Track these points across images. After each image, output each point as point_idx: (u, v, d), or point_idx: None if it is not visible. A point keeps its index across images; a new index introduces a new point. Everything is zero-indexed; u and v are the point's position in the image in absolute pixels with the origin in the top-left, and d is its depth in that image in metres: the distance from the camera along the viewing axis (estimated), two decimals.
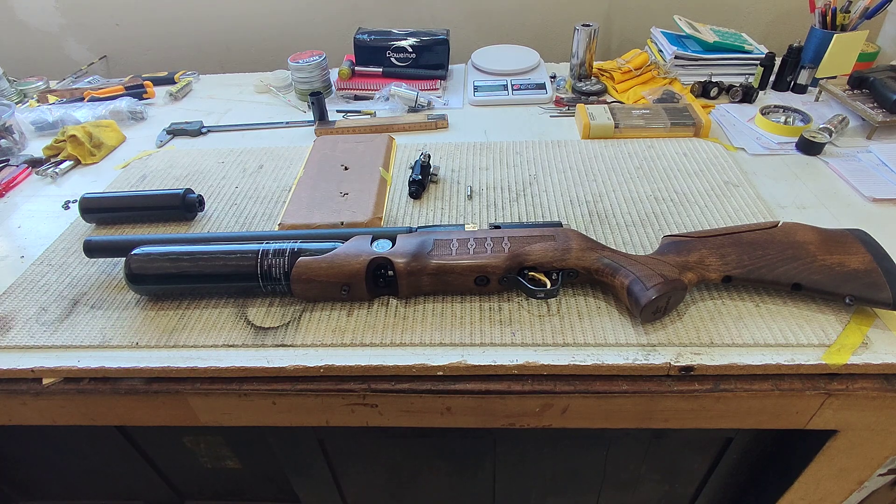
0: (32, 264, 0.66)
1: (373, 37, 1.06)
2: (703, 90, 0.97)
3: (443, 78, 1.07)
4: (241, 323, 0.56)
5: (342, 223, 0.66)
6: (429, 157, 0.77)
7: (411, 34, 1.06)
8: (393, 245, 0.56)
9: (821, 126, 0.83)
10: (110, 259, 0.65)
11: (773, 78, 0.99)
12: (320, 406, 0.54)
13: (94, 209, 0.71)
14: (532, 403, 0.52)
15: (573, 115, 0.95)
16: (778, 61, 0.98)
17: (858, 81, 0.87)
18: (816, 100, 0.94)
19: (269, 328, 0.56)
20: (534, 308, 0.56)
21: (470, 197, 0.74)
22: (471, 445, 0.72)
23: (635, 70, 1.03)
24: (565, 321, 0.54)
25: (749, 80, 0.97)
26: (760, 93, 0.98)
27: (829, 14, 0.95)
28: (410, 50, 1.05)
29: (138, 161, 0.87)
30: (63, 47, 1.32)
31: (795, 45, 0.95)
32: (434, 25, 1.26)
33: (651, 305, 0.51)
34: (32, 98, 1.10)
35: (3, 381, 0.54)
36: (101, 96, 1.07)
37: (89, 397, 0.55)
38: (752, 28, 1.22)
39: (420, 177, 0.74)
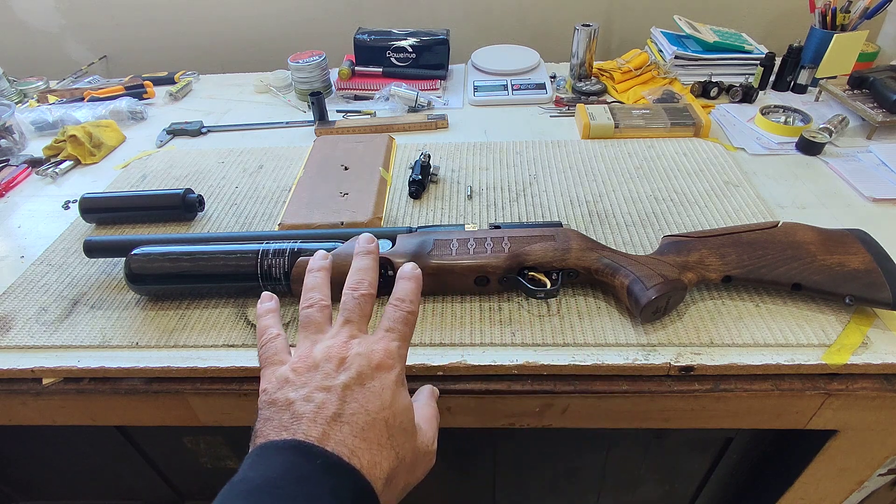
0: (32, 264, 0.66)
1: (373, 37, 1.06)
2: (703, 90, 0.98)
3: (443, 78, 1.07)
4: (241, 323, 0.56)
5: (342, 223, 0.66)
6: (429, 157, 0.77)
7: (411, 34, 1.06)
8: (393, 245, 0.56)
9: (821, 126, 0.83)
10: (110, 259, 0.65)
11: (773, 78, 0.99)
12: None
13: (94, 209, 0.71)
14: (532, 403, 0.52)
15: (573, 115, 0.95)
16: (778, 61, 0.98)
17: (858, 81, 0.87)
18: (816, 100, 0.94)
19: None
20: (534, 308, 0.56)
21: (470, 197, 0.74)
22: (471, 445, 0.72)
23: (635, 70, 1.03)
24: (565, 321, 0.54)
25: (749, 80, 0.97)
26: (760, 93, 0.98)
27: (829, 14, 0.95)
28: (410, 50, 1.05)
29: (138, 161, 0.87)
30: (63, 47, 1.32)
31: (795, 45, 0.95)
32: (434, 25, 1.26)
33: (651, 305, 0.51)
34: (32, 98, 1.10)
35: (3, 381, 0.54)
36: (101, 96, 1.07)
37: (89, 397, 0.55)
38: (752, 28, 1.22)
39: (420, 177, 0.74)
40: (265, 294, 0.42)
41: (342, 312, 0.38)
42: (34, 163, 0.88)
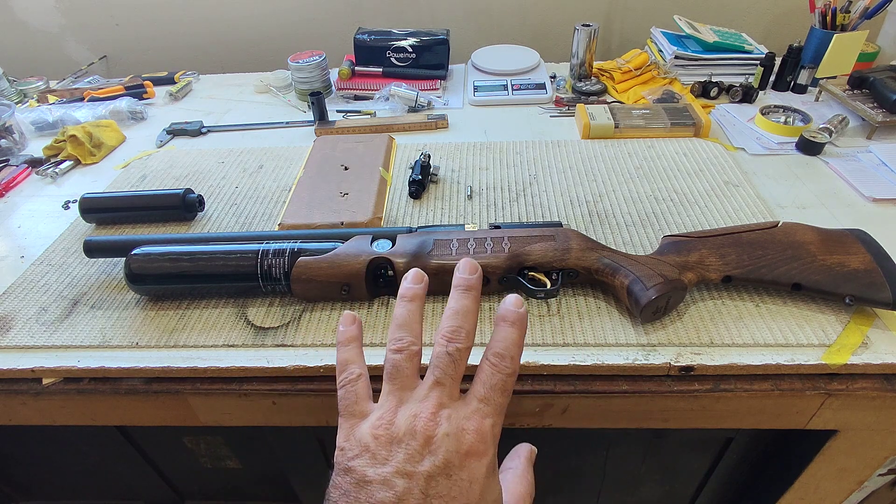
0: (32, 264, 0.66)
1: (373, 37, 1.06)
2: (703, 90, 0.97)
3: (443, 78, 1.07)
4: (241, 323, 0.56)
5: (342, 223, 0.66)
6: (429, 157, 0.77)
7: (411, 34, 1.06)
8: (393, 245, 0.56)
9: (821, 126, 0.83)
10: (110, 259, 0.65)
11: (773, 78, 0.99)
12: (320, 406, 0.54)
13: (94, 209, 0.71)
14: (532, 403, 0.52)
15: (573, 115, 0.95)
16: (778, 61, 0.98)
17: (858, 81, 0.87)
18: (816, 100, 0.94)
19: (269, 328, 0.56)
20: (534, 308, 0.56)
21: (470, 197, 0.74)
22: None
23: (635, 70, 1.03)
24: (565, 321, 0.54)
25: (749, 80, 0.97)
26: (760, 93, 0.98)
27: (829, 14, 0.95)
28: (410, 50, 1.05)
29: (138, 161, 0.87)
30: (63, 47, 1.32)
31: (795, 45, 0.95)
32: (434, 25, 1.26)
33: (651, 305, 0.51)
34: (32, 98, 1.10)
35: (3, 381, 0.54)
36: (101, 96, 1.07)
37: (89, 397, 0.55)
38: (752, 28, 1.22)
39: (420, 177, 0.74)
40: (347, 315, 0.36)
41: (432, 369, 0.32)
42: (34, 163, 0.88)
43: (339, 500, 0.29)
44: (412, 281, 0.36)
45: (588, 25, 0.99)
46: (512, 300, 0.34)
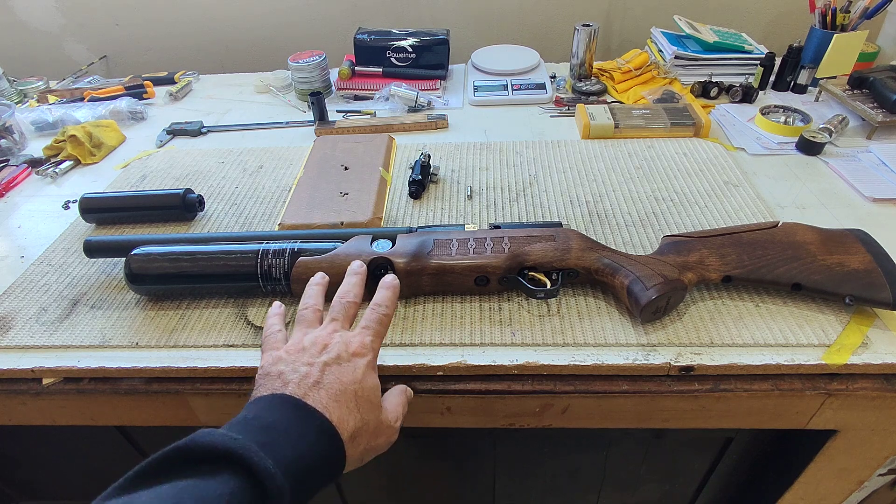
0: (32, 264, 0.66)
1: (373, 37, 1.06)
2: (703, 90, 0.97)
3: (443, 78, 1.07)
4: (241, 323, 0.56)
5: (342, 223, 0.66)
6: (429, 157, 0.77)
7: (411, 34, 1.06)
8: (393, 245, 0.56)
9: (821, 126, 0.83)
10: (110, 259, 0.65)
11: (773, 78, 0.99)
12: None
13: (94, 209, 0.71)
14: (532, 403, 0.52)
15: (573, 115, 0.95)
16: (778, 61, 0.98)
17: (858, 81, 0.87)
18: (816, 100, 0.94)
19: None
20: (534, 308, 0.56)
21: (470, 197, 0.74)
22: (471, 445, 0.72)
23: (635, 70, 1.03)
24: (565, 321, 0.54)
25: (749, 80, 0.97)
26: (760, 93, 0.98)
27: (829, 14, 0.95)
28: (410, 50, 1.05)
29: (138, 161, 0.87)
30: (63, 47, 1.32)
31: (795, 45, 0.95)
32: (434, 25, 1.26)
33: (651, 305, 0.51)
34: (32, 98, 1.10)
35: (3, 381, 0.54)
36: (101, 96, 1.07)
37: (89, 397, 0.55)
38: (752, 28, 1.22)
39: (420, 177, 0.74)
40: (276, 303, 0.50)
41: (330, 313, 0.46)
42: (34, 163, 0.88)
43: (256, 391, 0.40)
44: (318, 277, 0.50)
45: (588, 25, 0.99)
46: (388, 277, 0.49)
